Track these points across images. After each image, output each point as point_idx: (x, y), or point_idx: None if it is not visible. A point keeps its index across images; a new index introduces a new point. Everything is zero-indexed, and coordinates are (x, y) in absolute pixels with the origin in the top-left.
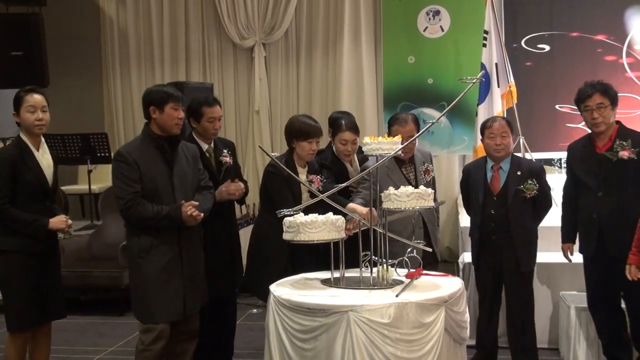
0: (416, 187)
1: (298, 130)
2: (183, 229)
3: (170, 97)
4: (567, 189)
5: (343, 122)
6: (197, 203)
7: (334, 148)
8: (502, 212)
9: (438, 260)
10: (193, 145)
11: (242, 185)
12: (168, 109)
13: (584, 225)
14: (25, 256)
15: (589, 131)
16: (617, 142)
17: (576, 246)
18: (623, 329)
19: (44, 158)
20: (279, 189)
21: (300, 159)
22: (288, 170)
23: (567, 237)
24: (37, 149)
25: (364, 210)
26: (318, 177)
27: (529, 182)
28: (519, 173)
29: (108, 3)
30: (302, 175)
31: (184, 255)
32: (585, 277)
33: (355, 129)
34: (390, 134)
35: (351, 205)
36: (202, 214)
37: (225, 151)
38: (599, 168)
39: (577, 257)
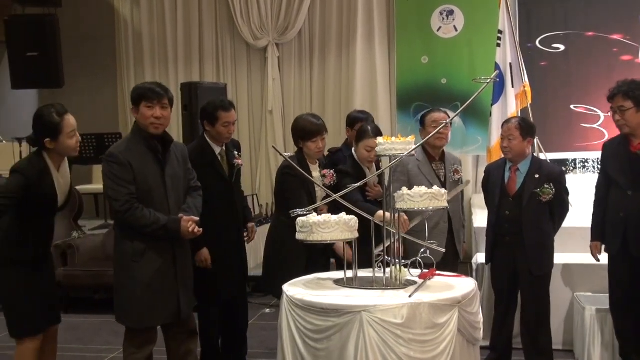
0: (445, 184)
1: (301, 131)
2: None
3: (143, 95)
4: (599, 186)
5: (369, 128)
6: (197, 219)
7: (354, 153)
8: (516, 213)
9: (460, 259)
10: (181, 144)
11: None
12: (142, 108)
13: (610, 223)
14: (16, 265)
15: (603, 131)
16: None
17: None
18: None
19: (63, 176)
20: (295, 190)
21: (309, 158)
22: (301, 170)
23: (596, 236)
24: (58, 169)
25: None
26: (331, 171)
27: (546, 186)
28: (537, 176)
29: (123, 4)
30: (315, 172)
31: (178, 258)
32: (609, 277)
33: (380, 135)
34: (424, 124)
35: (380, 213)
36: (201, 230)
37: (236, 153)
38: (631, 167)
39: (593, 258)
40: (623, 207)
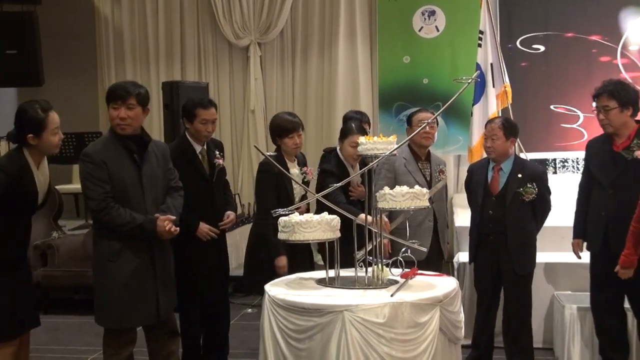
0: (430, 183)
1: (278, 128)
2: None
3: (109, 95)
4: (583, 185)
5: (354, 125)
6: (174, 217)
7: (339, 152)
8: (500, 213)
9: (444, 258)
10: (163, 144)
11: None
12: (110, 109)
13: (592, 222)
14: None
15: (583, 131)
16: (635, 142)
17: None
18: (623, 330)
19: (42, 174)
20: (266, 188)
21: (287, 155)
22: (281, 168)
23: (578, 233)
24: (38, 166)
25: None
26: (310, 168)
27: (529, 185)
28: (520, 175)
29: (103, 2)
30: (294, 169)
31: (157, 259)
32: (590, 276)
33: (364, 133)
34: (411, 123)
35: (362, 216)
36: (178, 229)
37: (217, 153)
38: (613, 166)
39: (573, 257)
40: (604, 206)
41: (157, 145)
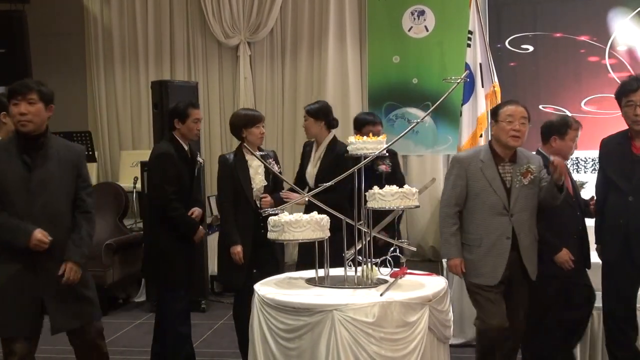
0: (510, 188)
1: (244, 119)
2: None
3: (9, 93)
4: (600, 189)
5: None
6: (49, 240)
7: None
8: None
9: (532, 280)
10: (78, 148)
11: None
12: (11, 106)
13: (609, 230)
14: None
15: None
16: None
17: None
18: (634, 339)
19: None
20: (219, 180)
21: (252, 146)
22: (260, 158)
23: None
24: None
25: None
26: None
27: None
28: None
29: (92, 1)
30: (254, 162)
31: (40, 267)
32: (604, 284)
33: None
34: (498, 116)
35: None
36: (47, 246)
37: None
38: (633, 170)
39: None
40: (623, 213)
41: (70, 149)
